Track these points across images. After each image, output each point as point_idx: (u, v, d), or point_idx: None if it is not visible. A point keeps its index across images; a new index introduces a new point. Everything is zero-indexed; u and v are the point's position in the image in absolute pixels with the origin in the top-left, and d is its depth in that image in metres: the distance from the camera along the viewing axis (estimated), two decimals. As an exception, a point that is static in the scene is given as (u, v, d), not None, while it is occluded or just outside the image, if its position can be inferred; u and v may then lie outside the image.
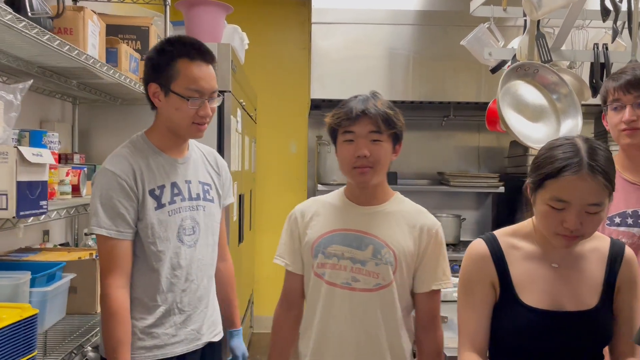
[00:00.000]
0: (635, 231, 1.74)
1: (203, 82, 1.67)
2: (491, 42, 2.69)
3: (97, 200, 1.63)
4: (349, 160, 1.58)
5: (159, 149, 1.74)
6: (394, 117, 1.58)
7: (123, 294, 1.63)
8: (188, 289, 1.74)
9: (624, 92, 1.74)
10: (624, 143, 1.78)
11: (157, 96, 1.69)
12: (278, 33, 4.87)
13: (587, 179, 1.26)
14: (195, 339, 1.77)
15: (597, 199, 1.27)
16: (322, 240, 1.63)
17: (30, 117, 2.31)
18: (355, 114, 1.55)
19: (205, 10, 2.82)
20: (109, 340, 1.61)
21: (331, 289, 1.60)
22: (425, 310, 1.65)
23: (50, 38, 1.47)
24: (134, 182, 1.66)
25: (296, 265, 1.70)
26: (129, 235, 1.65)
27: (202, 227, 1.78)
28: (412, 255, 1.61)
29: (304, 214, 1.70)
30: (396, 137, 1.61)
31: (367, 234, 1.60)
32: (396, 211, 1.65)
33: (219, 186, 1.89)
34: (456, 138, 4.50)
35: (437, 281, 1.62)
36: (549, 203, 1.30)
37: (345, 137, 1.58)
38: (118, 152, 1.71)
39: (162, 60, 1.67)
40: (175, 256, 1.71)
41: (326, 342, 1.62)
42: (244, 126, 3.35)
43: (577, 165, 1.27)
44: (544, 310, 1.36)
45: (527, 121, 2.19)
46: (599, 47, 2.40)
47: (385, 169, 1.62)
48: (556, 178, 1.28)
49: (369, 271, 1.58)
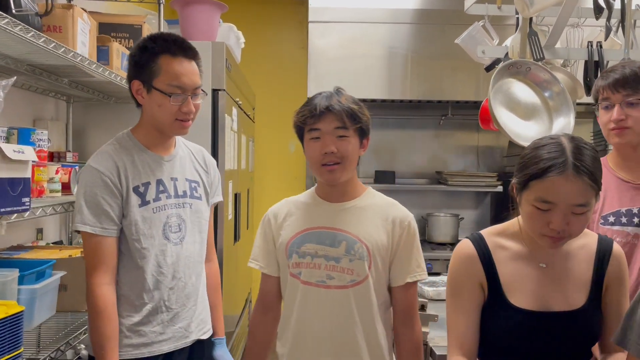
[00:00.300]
0: (629, 230, 1.72)
1: (185, 78, 1.67)
2: (486, 40, 2.68)
3: (82, 197, 1.64)
4: (316, 157, 1.58)
5: (145, 146, 1.74)
6: (358, 112, 1.58)
7: (109, 291, 1.64)
8: (175, 287, 1.74)
9: (613, 91, 1.72)
10: (614, 142, 1.77)
11: (140, 93, 1.69)
12: (277, 33, 4.87)
13: (573, 180, 1.24)
14: (183, 336, 1.76)
15: (583, 199, 1.26)
16: (295, 240, 1.63)
17: (23, 116, 2.31)
18: (320, 110, 1.55)
19: (199, 8, 2.82)
20: (96, 337, 1.61)
21: (307, 288, 1.60)
22: (402, 304, 1.64)
23: (35, 35, 1.47)
24: (117, 179, 1.66)
25: (271, 267, 1.70)
26: (114, 232, 1.66)
27: (189, 224, 1.78)
28: (385, 248, 1.61)
29: (277, 215, 1.70)
30: (362, 132, 1.61)
31: (340, 231, 1.60)
32: (368, 205, 1.65)
33: (207, 184, 1.89)
34: (454, 137, 4.48)
35: (411, 274, 1.62)
36: (534, 204, 1.28)
37: (312, 135, 1.59)
38: (102, 150, 1.71)
39: (144, 57, 1.67)
40: (161, 253, 1.70)
41: (303, 341, 1.61)
42: (240, 125, 3.35)
43: (561, 165, 1.25)
44: (531, 311, 1.35)
45: (519, 119, 2.19)
46: (593, 45, 2.39)
47: (354, 165, 1.62)
48: (541, 179, 1.26)
49: (343, 268, 1.58)
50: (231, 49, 3.03)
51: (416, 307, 1.66)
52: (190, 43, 1.74)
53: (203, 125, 2.68)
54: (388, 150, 4.46)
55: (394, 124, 4.46)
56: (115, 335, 1.64)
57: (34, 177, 1.75)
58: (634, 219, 1.73)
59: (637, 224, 1.72)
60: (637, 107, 1.71)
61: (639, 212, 1.73)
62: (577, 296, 1.36)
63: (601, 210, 1.77)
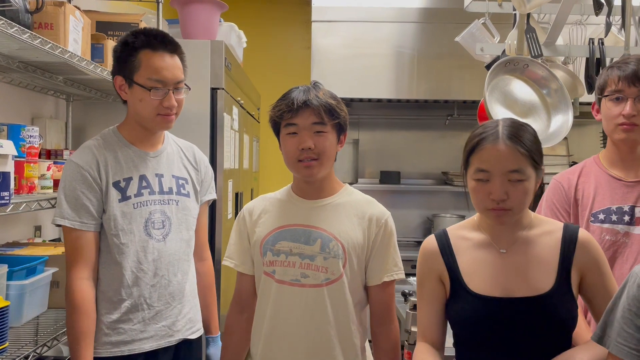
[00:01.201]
0: (619, 228, 1.68)
1: (165, 72, 1.66)
2: (486, 38, 2.64)
3: (62, 191, 1.64)
4: (293, 153, 1.54)
5: (129, 142, 1.74)
6: (336, 107, 1.55)
7: (87, 286, 1.62)
8: (157, 284, 1.72)
9: (629, 84, 1.64)
10: (618, 138, 1.69)
11: (123, 89, 1.69)
12: (281, 33, 4.87)
13: (504, 147, 1.31)
14: (167, 335, 1.74)
15: (516, 165, 1.31)
16: (270, 237, 1.59)
17: (21, 113, 2.33)
18: (297, 105, 1.51)
19: (199, 7, 2.82)
20: (72, 332, 1.60)
21: (281, 287, 1.57)
22: (378, 303, 1.61)
23: (18, 30, 1.48)
24: (97, 174, 1.65)
25: (246, 265, 1.66)
26: (92, 226, 1.65)
27: (175, 221, 1.76)
28: (361, 247, 1.57)
29: (252, 212, 1.66)
30: (340, 128, 1.59)
31: (315, 228, 1.57)
32: (345, 203, 1.62)
33: (196, 181, 1.87)
34: (461, 137, 4.39)
35: (388, 272, 1.58)
36: (474, 177, 1.35)
37: (288, 130, 1.55)
38: (85, 145, 1.71)
39: (125, 52, 1.67)
40: (142, 250, 1.69)
41: (277, 341, 1.58)
42: (242, 124, 3.34)
43: (493, 135, 1.33)
44: (492, 297, 1.35)
45: (516, 117, 2.14)
46: (594, 42, 2.35)
47: (331, 161, 1.59)
48: (476, 150, 1.34)
49: (318, 266, 1.54)
50: (232, 48, 3.03)
51: (393, 306, 1.63)
52: (172, 37, 1.72)
53: (201, 123, 2.68)
54: (393, 151, 4.43)
55: (399, 124, 4.43)
56: (91, 331, 1.61)
57: (23, 174, 1.77)
58: (624, 217, 1.68)
59: (627, 222, 1.68)
60: None
61: (630, 210, 1.68)
62: (542, 281, 1.35)
63: (591, 207, 1.73)
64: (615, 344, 1.11)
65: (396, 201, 4.39)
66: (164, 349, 1.74)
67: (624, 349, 1.09)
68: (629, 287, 1.11)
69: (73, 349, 1.59)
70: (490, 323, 1.34)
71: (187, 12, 2.83)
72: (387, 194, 4.35)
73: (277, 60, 4.83)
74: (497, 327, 1.33)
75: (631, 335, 1.08)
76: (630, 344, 1.08)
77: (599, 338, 1.17)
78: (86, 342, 1.59)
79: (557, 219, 1.74)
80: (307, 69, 4.62)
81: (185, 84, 1.73)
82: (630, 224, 1.68)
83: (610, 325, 1.13)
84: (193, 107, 2.55)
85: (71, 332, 1.60)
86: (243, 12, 4.61)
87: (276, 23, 4.86)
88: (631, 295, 1.09)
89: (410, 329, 1.91)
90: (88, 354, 1.59)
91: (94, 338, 1.62)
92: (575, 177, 1.80)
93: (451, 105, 4.18)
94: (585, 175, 1.79)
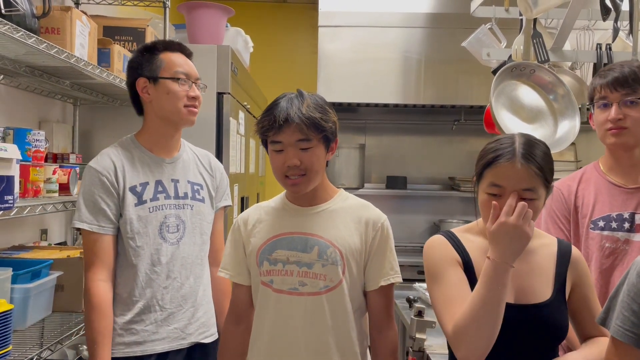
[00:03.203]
0: (619, 235, 1.67)
1: (187, 67, 1.79)
2: (493, 43, 2.63)
3: (81, 196, 1.71)
4: (280, 169, 1.51)
5: (147, 149, 1.80)
6: (321, 120, 1.47)
7: (104, 287, 1.67)
8: (170, 287, 1.75)
9: (611, 90, 1.67)
10: (609, 143, 1.72)
11: (147, 90, 1.76)
12: (288, 38, 4.88)
13: (519, 166, 1.33)
14: (179, 337, 1.77)
15: (529, 184, 1.34)
16: (266, 246, 1.56)
17: (28, 117, 2.34)
18: (279, 123, 1.45)
19: (206, 12, 2.84)
20: (89, 332, 1.64)
21: (279, 297, 1.53)
22: (376, 308, 1.58)
23: (25, 35, 1.49)
24: (114, 178, 1.71)
25: (242, 276, 1.63)
26: (110, 230, 1.71)
27: (189, 225, 1.80)
28: (359, 252, 1.54)
29: (247, 222, 1.62)
30: (328, 139, 1.53)
31: (312, 235, 1.53)
32: (340, 208, 1.59)
33: (211, 187, 1.91)
34: (467, 143, 4.42)
35: (385, 277, 1.55)
36: (487, 191, 1.37)
37: (274, 147, 1.50)
38: (103, 151, 1.78)
39: (145, 57, 1.77)
40: (156, 252, 1.73)
41: (277, 351, 1.55)
42: (248, 129, 3.35)
43: (510, 153, 1.35)
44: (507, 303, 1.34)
45: (522, 123, 2.14)
46: (602, 47, 2.33)
47: (320, 173, 1.54)
48: (492, 166, 1.37)
49: (316, 273, 1.51)
50: (238, 53, 3.04)
51: (391, 311, 1.60)
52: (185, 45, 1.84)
53: (208, 127, 2.69)
54: (400, 156, 4.42)
55: (406, 128, 4.42)
56: (109, 331, 1.66)
57: (29, 177, 1.77)
58: (624, 224, 1.67)
59: (627, 229, 1.67)
60: (635, 106, 1.65)
61: (630, 216, 1.67)
62: (542, 290, 1.40)
63: (591, 214, 1.72)
64: (615, 326, 1.18)
65: (402, 206, 4.38)
66: (176, 351, 1.76)
67: (621, 330, 1.16)
68: (630, 275, 1.18)
69: (91, 349, 1.64)
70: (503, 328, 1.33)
71: (194, 17, 2.84)
72: (393, 199, 4.35)
73: (284, 65, 4.84)
74: (506, 332, 1.32)
75: (627, 318, 1.15)
76: (627, 326, 1.15)
77: (602, 320, 1.23)
78: (103, 342, 1.63)
79: (558, 226, 1.76)
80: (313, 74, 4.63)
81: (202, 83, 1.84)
82: (631, 231, 1.67)
83: (612, 309, 1.20)
84: (199, 112, 2.55)
85: (89, 333, 1.65)
86: (250, 17, 4.63)
87: (283, 28, 4.87)
88: (631, 282, 1.16)
89: (415, 335, 1.89)
90: (106, 354, 1.64)
91: (111, 338, 1.66)
92: (575, 184, 1.79)
93: (458, 110, 4.17)
94: (585, 182, 1.78)
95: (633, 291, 1.15)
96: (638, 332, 1.14)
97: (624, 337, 1.15)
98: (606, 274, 1.69)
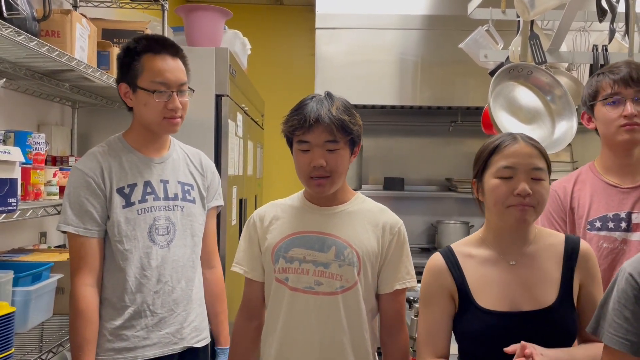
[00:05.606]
0: (617, 235, 1.67)
1: (168, 74, 1.67)
2: (490, 44, 2.65)
3: (66, 198, 1.65)
4: (305, 169, 1.52)
5: (135, 149, 1.74)
6: (350, 122, 1.50)
7: (90, 292, 1.63)
8: (161, 291, 1.71)
9: (625, 86, 1.65)
10: (622, 139, 1.68)
11: (128, 95, 1.70)
12: (286, 40, 4.89)
13: (526, 146, 1.38)
14: (171, 342, 1.73)
15: (539, 163, 1.37)
16: (282, 244, 1.56)
17: (27, 120, 2.35)
18: (309, 123, 1.47)
19: (204, 15, 2.84)
20: (74, 338, 1.60)
21: (294, 295, 1.54)
22: (389, 311, 1.59)
23: (26, 38, 1.49)
24: (101, 180, 1.66)
25: (255, 272, 1.63)
26: (97, 233, 1.65)
27: (179, 227, 1.75)
28: (375, 254, 1.56)
29: (263, 218, 1.63)
30: (353, 142, 1.55)
31: (329, 235, 1.55)
32: (358, 210, 1.60)
33: (202, 187, 1.86)
34: (464, 144, 4.42)
35: (400, 281, 1.57)
36: (496, 175, 1.38)
37: (301, 147, 1.52)
38: (90, 152, 1.72)
39: (127, 58, 1.69)
40: (146, 256, 1.68)
41: (289, 349, 1.55)
42: (246, 131, 3.35)
43: (512, 138, 1.40)
44: (501, 312, 1.36)
45: (520, 123, 2.15)
46: (598, 48, 2.35)
47: (343, 176, 1.56)
48: (498, 151, 1.39)
49: (332, 273, 1.52)
50: (236, 55, 3.05)
51: (404, 314, 1.62)
52: (173, 41, 1.74)
53: (206, 130, 2.69)
54: (397, 157, 4.43)
55: (403, 130, 4.43)
56: (94, 338, 1.61)
57: (30, 180, 1.77)
58: (621, 223, 1.67)
59: (624, 228, 1.67)
60: None
61: (626, 216, 1.68)
62: (546, 295, 1.38)
63: (587, 215, 1.72)
64: (607, 334, 1.17)
65: (400, 207, 4.35)
66: (168, 356, 1.73)
67: (614, 338, 1.15)
68: (618, 281, 1.18)
69: (75, 355, 1.60)
70: (499, 337, 1.34)
71: (192, 19, 2.85)
72: (391, 200, 4.35)
73: (281, 67, 4.85)
74: (505, 341, 1.32)
75: (620, 325, 1.15)
76: (620, 333, 1.15)
77: (593, 329, 1.22)
78: (88, 349, 1.59)
79: (554, 228, 1.75)
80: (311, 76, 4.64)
81: (189, 87, 1.74)
82: (628, 231, 1.67)
83: (603, 317, 1.19)
84: (198, 114, 2.56)
85: (74, 339, 1.60)
86: (247, 20, 4.64)
87: (280, 30, 4.88)
88: (620, 288, 1.16)
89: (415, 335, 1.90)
90: None
91: (96, 345, 1.62)
92: (570, 185, 1.79)
93: (455, 111, 4.18)
94: (581, 183, 1.78)
95: (624, 297, 1.15)
96: (632, 339, 1.13)
97: (618, 345, 1.15)
98: (605, 274, 1.69)
